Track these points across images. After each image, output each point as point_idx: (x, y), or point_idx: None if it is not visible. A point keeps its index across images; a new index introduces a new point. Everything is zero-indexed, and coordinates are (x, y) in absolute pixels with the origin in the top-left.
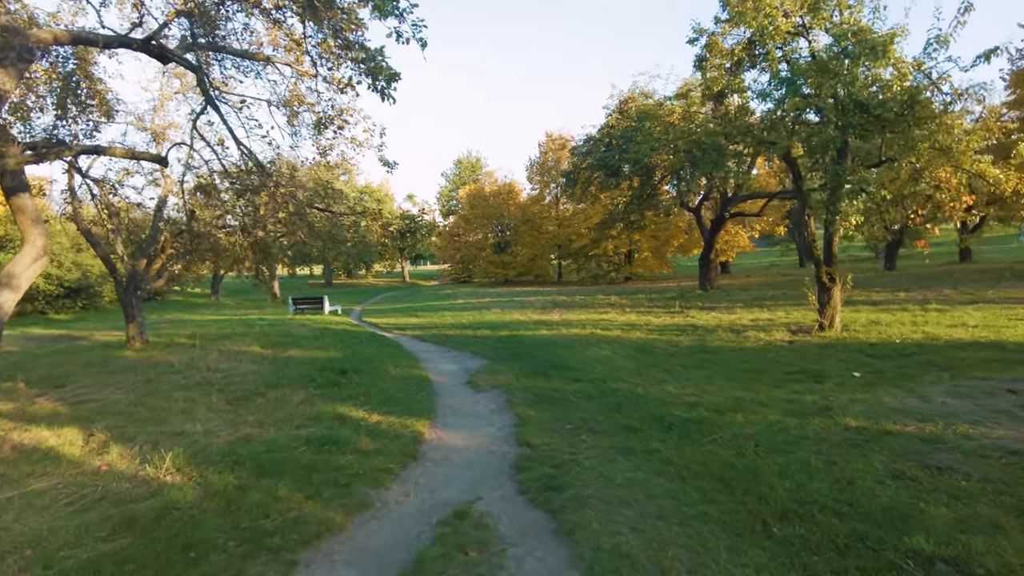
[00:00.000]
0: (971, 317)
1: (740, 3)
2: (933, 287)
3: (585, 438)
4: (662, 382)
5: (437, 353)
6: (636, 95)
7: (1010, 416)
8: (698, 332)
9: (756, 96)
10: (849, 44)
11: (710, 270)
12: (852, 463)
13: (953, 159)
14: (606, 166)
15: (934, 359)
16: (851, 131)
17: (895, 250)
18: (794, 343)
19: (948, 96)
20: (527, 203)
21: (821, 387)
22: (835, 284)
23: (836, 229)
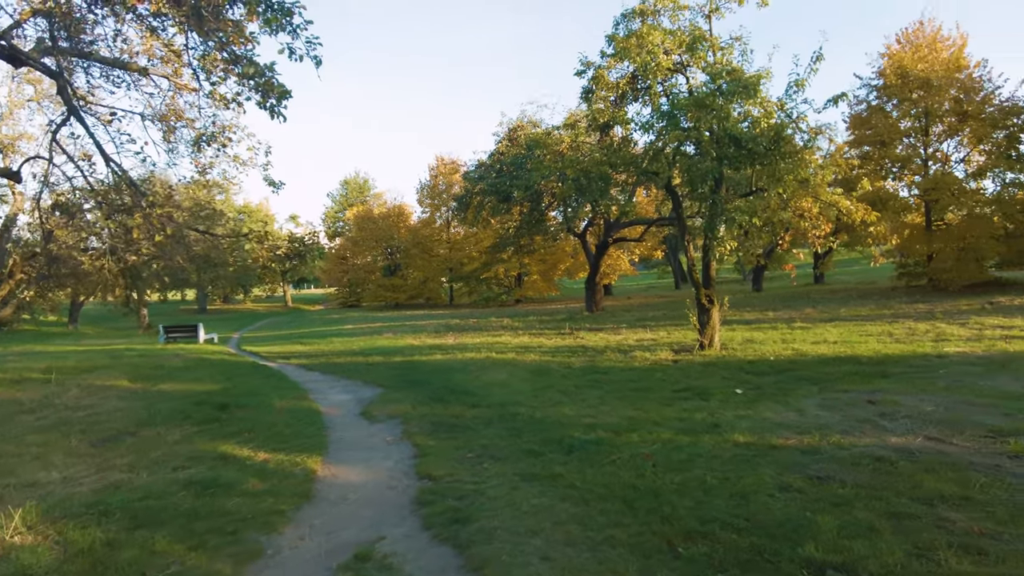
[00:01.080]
0: (830, 334)
1: (625, 40)
2: (796, 307)
3: (488, 466)
4: (559, 404)
5: (327, 383)
6: (525, 123)
7: (873, 425)
8: (589, 353)
9: (639, 128)
10: (723, 83)
11: (596, 292)
12: (744, 478)
13: (812, 190)
14: (498, 191)
15: (805, 374)
16: (726, 163)
17: (761, 273)
18: (678, 362)
19: (806, 134)
20: (418, 226)
21: (708, 404)
22: (714, 305)
23: (713, 254)
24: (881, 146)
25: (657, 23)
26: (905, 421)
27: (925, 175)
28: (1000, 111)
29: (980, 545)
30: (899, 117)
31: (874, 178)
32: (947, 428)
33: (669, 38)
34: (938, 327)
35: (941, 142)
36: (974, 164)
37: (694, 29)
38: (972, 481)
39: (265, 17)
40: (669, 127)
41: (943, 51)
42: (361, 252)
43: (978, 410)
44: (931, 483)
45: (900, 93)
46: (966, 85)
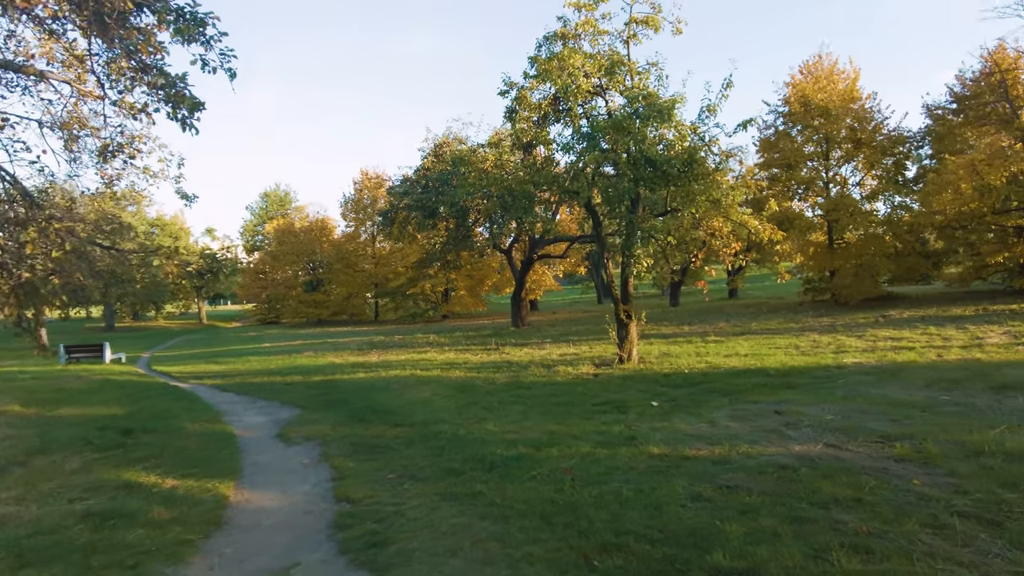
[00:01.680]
0: (742, 347)
1: (547, 62)
2: (711, 321)
3: (408, 487)
4: (483, 420)
5: (242, 404)
6: (451, 140)
7: (779, 434)
8: (513, 368)
9: (561, 148)
10: (640, 106)
11: (521, 308)
12: (658, 489)
13: (723, 210)
14: (423, 207)
15: (716, 386)
16: (643, 184)
17: (678, 288)
18: (599, 376)
19: (718, 157)
20: (342, 240)
21: (625, 417)
22: (632, 320)
23: (631, 270)
24: (787, 169)
25: (578, 46)
26: (807, 430)
27: (827, 197)
28: (888, 140)
29: (868, 544)
30: (803, 142)
31: (781, 199)
32: (843, 435)
33: (589, 62)
34: (839, 339)
35: (840, 166)
36: (868, 187)
37: (613, 54)
38: (863, 484)
39: (176, 27)
40: (589, 148)
41: (839, 83)
42: (281, 267)
43: (870, 417)
44: (828, 488)
45: (803, 120)
46: (860, 115)
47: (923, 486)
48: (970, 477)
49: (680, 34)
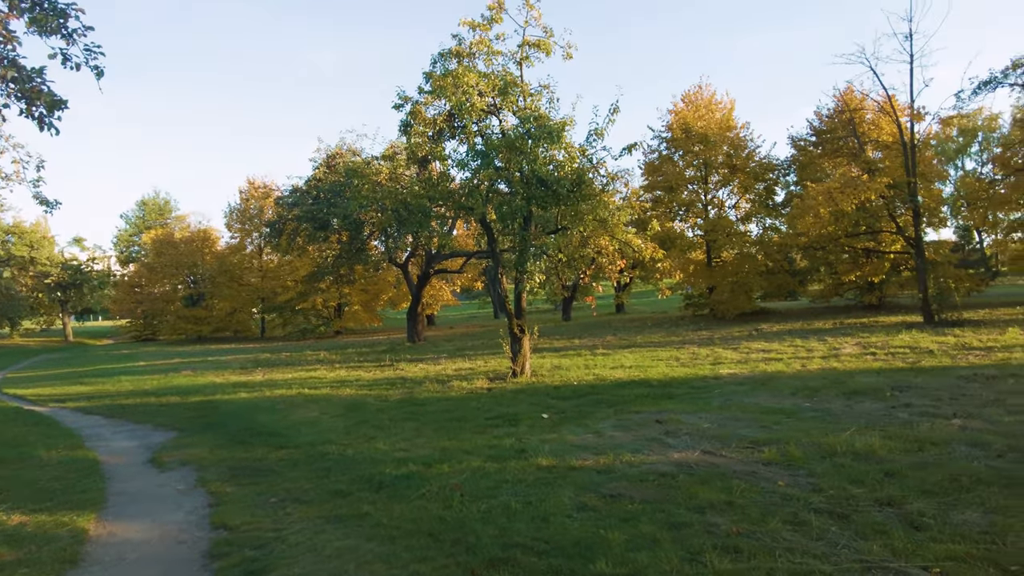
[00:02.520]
0: (627, 359)
1: (441, 78)
2: (599, 335)
3: (292, 510)
4: (372, 439)
5: (110, 428)
6: (344, 151)
7: (659, 443)
8: (407, 385)
9: (456, 165)
10: (532, 127)
11: (418, 322)
12: (546, 501)
13: (609, 230)
14: (314, 218)
15: (603, 397)
16: (534, 202)
17: (570, 303)
18: (492, 390)
19: (605, 178)
20: (226, 252)
21: (516, 430)
22: (525, 335)
23: (524, 286)
24: (670, 191)
25: (472, 65)
26: (686, 438)
27: (706, 218)
28: (760, 166)
29: (737, 544)
30: (684, 167)
31: (664, 220)
32: (718, 442)
33: (483, 80)
34: (716, 352)
35: (717, 190)
36: (742, 210)
37: (506, 74)
38: (735, 488)
39: (32, 16)
40: (483, 166)
41: (717, 112)
42: (159, 280)
43: (742, 424)
44: (704, 493)
45: (684, 146)
46: (735, 143)
47: (786, 487)
48: (825, 476)
49: (570, 59)
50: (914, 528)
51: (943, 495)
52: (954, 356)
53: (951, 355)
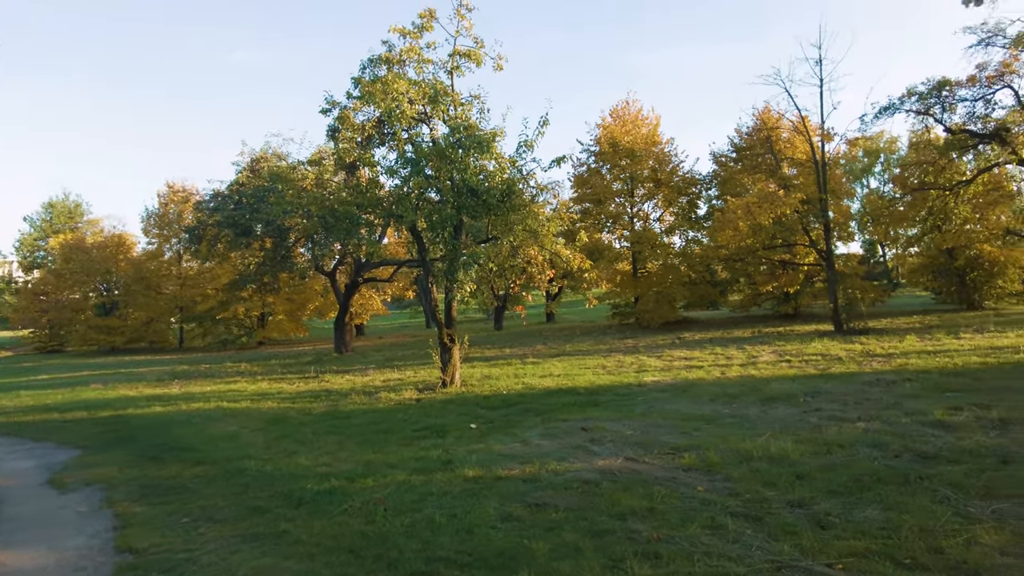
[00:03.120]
0: (556, 368)
1: (370, 84)
2: (530, 344)
3: (205, 530)
4: (294, 454)
5: (4, 447)
6: (270, 155)
7: (584, 451)
8: (332, 397)
9: (385, 171)
10: (462, 136)
11: (345, 333)
12: (471, 512)
13: (539, 240)
14: (236, 224)
15: (531, 406)
16: (465, 211)
17: (502, 313)
18: (421, 401)
19: (534, 189)
20: (142, 259)
21: (444, 441)
22: (455, 344)
23: (454, 295)
24: (598, 203)
25: (403, 72)
26: (610, 445)
27: (632, 230)
28: (683, 181)
29: (657, 550)
30: (612, 180)
31: (593, 231)
32: (641, 449)
33: (414, 88)
34: (640, 359)
35: (643, 203)
36: (666, 223)
37: (437, 83)
38: (656, 494)
39: None
40: (413, 173)
41: (643, 127)
42: (68, 287)
43: (664, 431)
44: (626, 500)
45: (612, 160)
46: (660, 157)
47: (705, 492)
48: (742, 480)
49: (501, 70)
50: (821, 527)
51: (847, 495)
52: (860, 363)
53: (857, 362)
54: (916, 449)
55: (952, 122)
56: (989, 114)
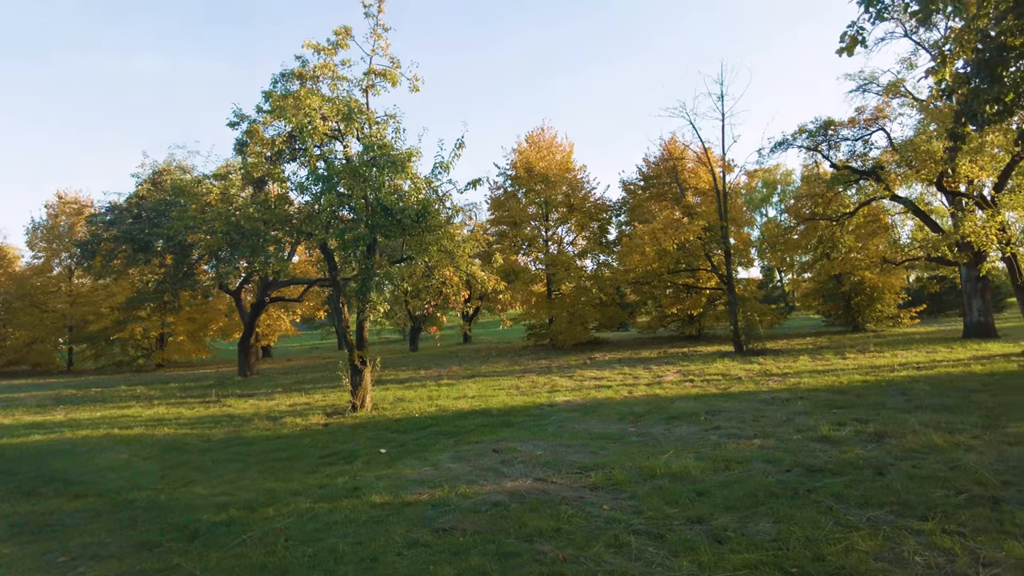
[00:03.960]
0: (470, 389)
1: (281, 99)
2: (445, 365)
3: (85, 569)
4: (191, 483)
5: None
6: (173, 168)
7: (495, 472)
8: (235, 422)
9: (295, 188)
10: (377, 155)
11: (250, 355)
12: (376, 540)
13: (454, 261)
14: (134, 239)
15: (444, 429)
16: (379, 231)
17: (417, 334)
18: (329, 425)
19: (450, 210)
20: (26, 274)
21: (352, 467)
22: (366, 366)
23: (366, 316)
24: (514, 226)
25: (316, 88)
26: (520, 466)
27: (547, 253)
28: (595, 206)
29: (562, 571)
30: (527, 203)
31: (509, 253)
32: (550, 469)
33: (327, 105)
34: (553, 380)
35: (557, 227)
36: (579, 246)
37: (351, 100)
38: (563, 514)
39: None
40: (325, 190)
41: (558, 153)
42: None
43: (573, 450)
44: (534, 521)
45: (527, 184)
46: (573, 183)
47: (610, 510)
48: (646, 498)
49: (417, 91)
50: (718, 542)
51: (743, 509)
52: (758, 382)
53: (755, 381)
54: (805, 463)
55: (837, 158)
56: (867, 153)
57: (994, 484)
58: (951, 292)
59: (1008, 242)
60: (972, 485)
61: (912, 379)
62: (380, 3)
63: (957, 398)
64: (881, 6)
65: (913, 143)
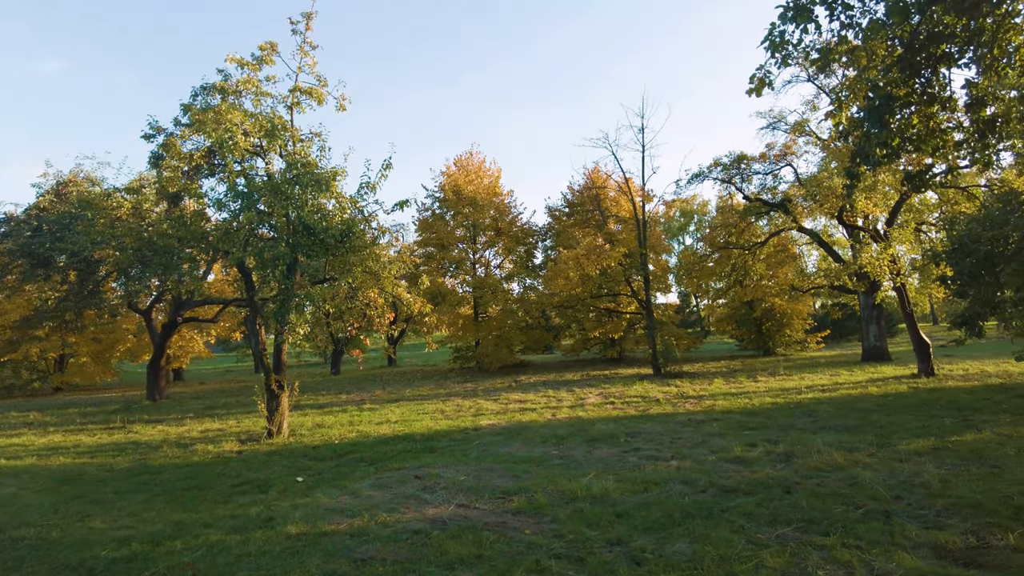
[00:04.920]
0: (393, 414)
1: (201, 113)
2: (368, 389)
3: None
4: (88, 517)
5: None
6: (81, 179)
7: (416, 500)
8: (141, 450)
9: (213, 204)
10: (300, 173)
11: (160, 378)
12: (290, 573)
13: (380, 282)
14: (32, 253)
15: (364, 455)
16: (300, 250)
17: (339, 357)
18: (243, 453)
19: (376, 231)
20: None
21: (266, 497)
22: (284, 391)
23: (285, 338)
24: (442, 248)
25: (239, 103)
26: (443, 492)
27: (474, 275)
28: (522, 231)
29: None
30: (455, 226)
31: (436, 275)
32: (473, 494)
33: (250, 120)
34: (478, 403)
35: (485, 250)
36: (506, 270)
37: (275, 117)
38: (484, 540)
39: None
40: (244, 207)
41: (486, 177)
42: None
43: (496, 475)
44: (455, 548)
45: (456, 207)
46: (500, 207)
47: (532, 535)
48: (567, 521)
49: (344, 111)
50: (636, 564)
51: (660, 530)
52: (675, 404)
53: (673, 403)
54: (719, 484)
55: (749, 191)
56: (776, 186)
57: (887, 499)
58: (852, 318)
59: (898, 273)
60: (868, 500)
61: (817, 400)
62: (308, 21)
63: (856, 418)
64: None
65: (817, 179)
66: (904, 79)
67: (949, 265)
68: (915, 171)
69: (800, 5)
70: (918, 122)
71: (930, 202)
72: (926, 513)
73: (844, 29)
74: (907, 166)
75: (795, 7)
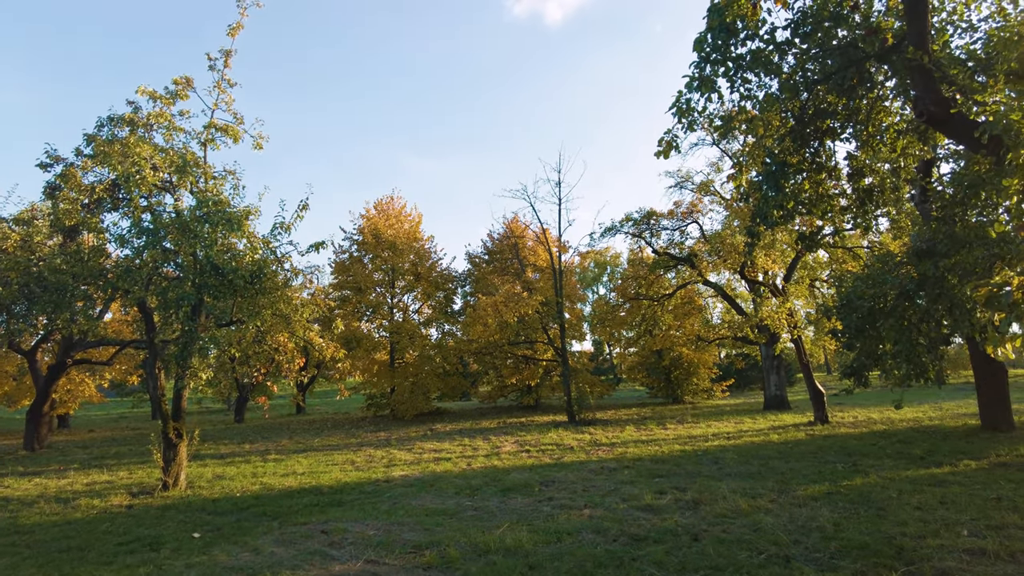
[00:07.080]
0: (300, 465)
1: (107, 144)
2: (273, 438)
3: None
4: None
5: None
6: None
7: (322, 556)
8: (11, 506)
9: (114, 240)
10: (211, 211)
11: (41, 425)
12: None
13: (290, 326)
14: None
15: (268, 509)
16: (206, 291)
17: (244, 404)
18: (134, 507)
19: (289, 272)
20: None
21: (157, 555)
22: (182, 440)
23: (186, 383)
24: (359, 292)
25: (149, 136)
26: (351, 548)
27: (391, 320)
28: (441, 276)
29: None
30: (373, 270)
31: (351, 319)
32: (383, 550)
33: (160, 155)
34: (391, 453)
35: (403, 295)
36: (424, 315)
37: (187, 152)
38: None
39: None
40: (148, 245)
41: (406, 222)
42: None
43: (407, 528)
44: None
45: (374, 250)
46: (420, 252)
47: None
48: (479, 575)
49: (260, 149)
50: None
51: None
52: (588, 451)
53: (586, 451)
54: (630, 532)
55: (658, 245)
56: (683, 242)
57: (786, 543)
58: (754, 368)
59: (795, 326)
60: (770, 545)
61: (723, 448)
62: (227, 58)
63: (758, 465)
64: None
65: (720, 236)
66: (796, 148)
67: (839, 319)
68: (808, 232)
69: (704, 76)
70: (809, 188)
71: (822, 260)
72: (821, 556)
73: (744, 100)
74: (801, 227)
75: (700, 78)
